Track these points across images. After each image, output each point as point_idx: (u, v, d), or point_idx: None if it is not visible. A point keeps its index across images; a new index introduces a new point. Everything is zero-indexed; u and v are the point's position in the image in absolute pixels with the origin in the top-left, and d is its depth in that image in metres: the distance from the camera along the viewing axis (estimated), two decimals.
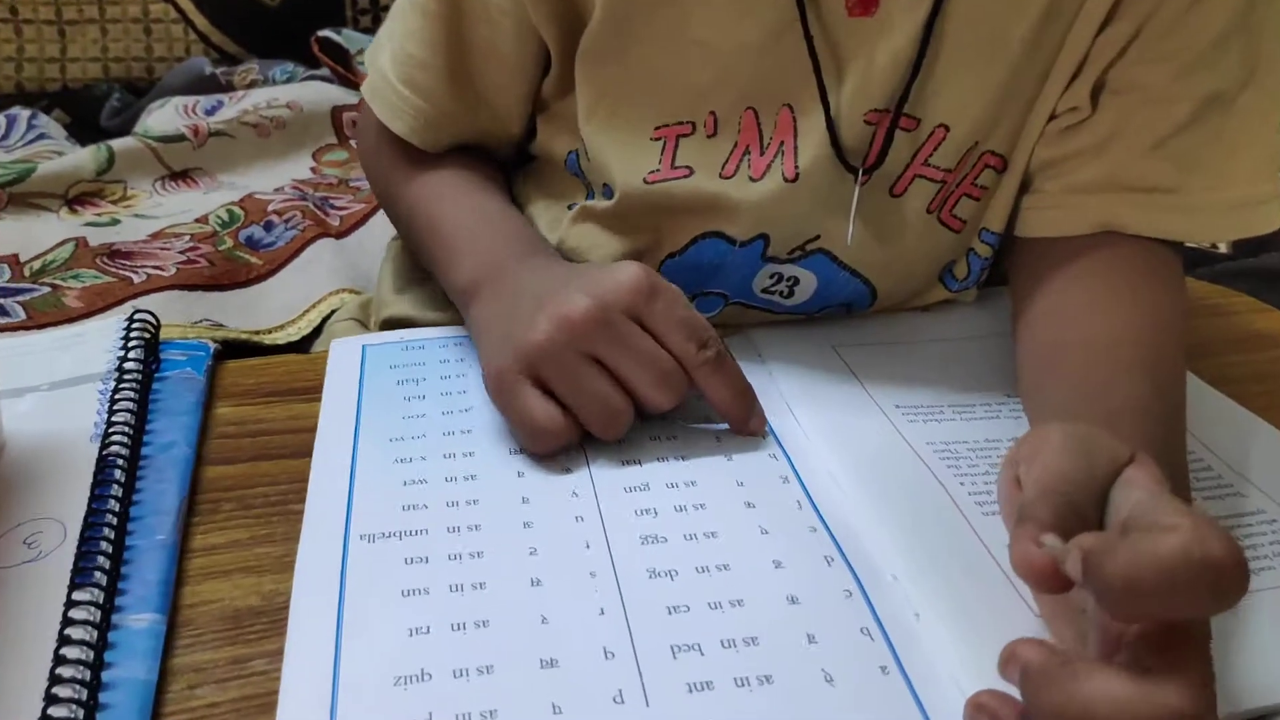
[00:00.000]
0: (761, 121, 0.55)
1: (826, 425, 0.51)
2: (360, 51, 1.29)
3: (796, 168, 0.54)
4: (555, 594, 0.41)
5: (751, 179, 0.56)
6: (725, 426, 0.51)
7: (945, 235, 0.59)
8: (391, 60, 0.62)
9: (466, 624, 0.39)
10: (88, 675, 0.37)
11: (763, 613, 0.40)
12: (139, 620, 0.40)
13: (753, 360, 0.57)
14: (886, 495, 0.46)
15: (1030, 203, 0.58)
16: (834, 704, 0.36)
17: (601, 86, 0.57)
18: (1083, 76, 0.55)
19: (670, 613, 0.40)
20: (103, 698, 0.37)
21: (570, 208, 0.61)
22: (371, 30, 1.40)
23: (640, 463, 0.49)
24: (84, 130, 1.33)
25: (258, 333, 0.82)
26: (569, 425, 0.48)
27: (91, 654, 0.38)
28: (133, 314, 0.57)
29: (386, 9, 1.42)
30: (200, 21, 1.36)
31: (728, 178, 0.56)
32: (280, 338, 0.82)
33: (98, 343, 0.56)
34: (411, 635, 0.39)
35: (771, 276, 0.58)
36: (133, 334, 0.55)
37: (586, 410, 0.48)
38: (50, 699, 0.36)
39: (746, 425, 0.51)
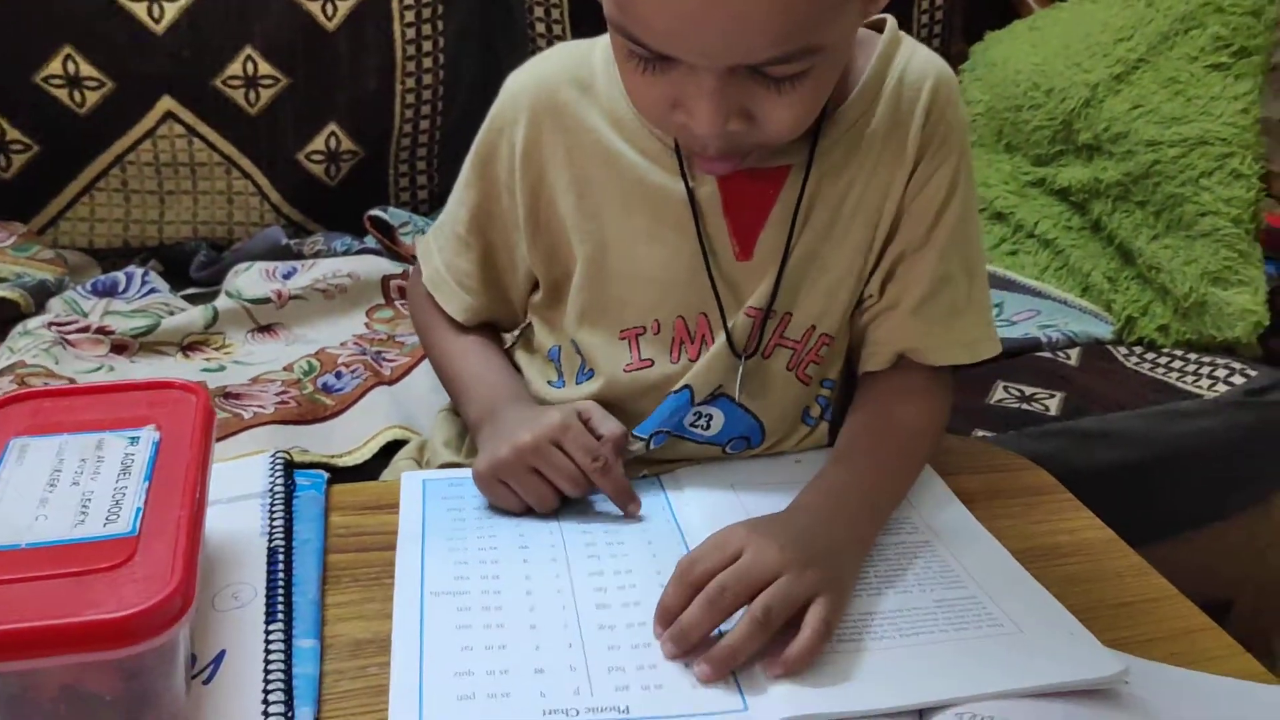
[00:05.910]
0: (688, 325, 0.88)
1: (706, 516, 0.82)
2: (403, 225, 1.62)
3: (709, 352, 0.87)
4: (545, 637, 0.72)
5: (690, 360, 0.88)
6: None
7: (799, 386, 0.91)
8: (445, 266, 0.96)
9: (493, 645, 0.70)
10: (284, 680, 0.67)
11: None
12: (305, 643, 0.71)
13: (674, 489, 0.89)
14: None
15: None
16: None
17: (586, 308, 0.90)
18: (876, 275, 0.89)
19: (604, 629, 0.71)
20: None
21: (551, 384, 0.95)
22: (409, 205, 1.74)
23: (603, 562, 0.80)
24: (176, 279, 1.64)
25: (333, 457, 1.13)
26: (520, 503, 0.83)
27: (284, 664, 0.68)
28: (276, 452, 0.88)
29: (423, 188, 1.77)
30: (274, 196, 1.68)
31: (675, 363, 0.89)
32: (349, 461, 1.14)
33: (254, 471, 0.87)
34: (460, 650, 0.69)
35: (694, 414, 0.90)
36: (278, 465, 0.87)
37: (528, 497, 0.83)
38: (266, 695, 0.66)
39: (626, 509, 0.84)
